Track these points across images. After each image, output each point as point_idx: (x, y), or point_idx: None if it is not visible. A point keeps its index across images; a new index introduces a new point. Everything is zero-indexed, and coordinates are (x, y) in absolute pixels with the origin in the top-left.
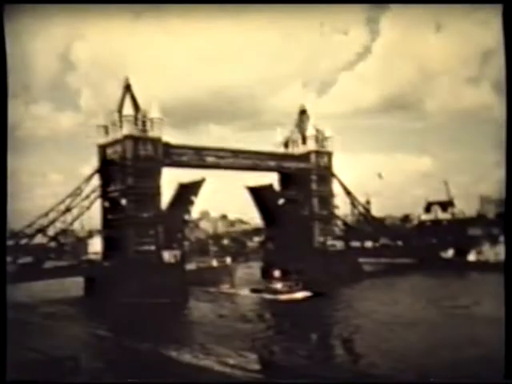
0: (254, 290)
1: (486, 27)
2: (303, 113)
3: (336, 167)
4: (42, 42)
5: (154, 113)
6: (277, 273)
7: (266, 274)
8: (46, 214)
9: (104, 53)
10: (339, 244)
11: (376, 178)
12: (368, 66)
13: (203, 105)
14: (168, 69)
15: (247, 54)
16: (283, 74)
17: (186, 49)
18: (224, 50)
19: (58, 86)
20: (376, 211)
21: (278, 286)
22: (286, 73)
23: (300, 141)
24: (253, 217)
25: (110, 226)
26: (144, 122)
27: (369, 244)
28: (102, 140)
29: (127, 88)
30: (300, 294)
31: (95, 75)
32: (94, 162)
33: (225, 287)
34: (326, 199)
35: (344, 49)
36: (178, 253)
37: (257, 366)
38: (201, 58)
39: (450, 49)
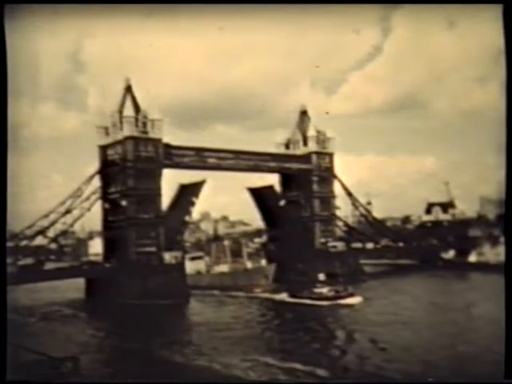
0: (293, 295)
1: (496, 26)
2: (304, 113)
3: (338, 168)
4: (51, 42)
5: (154, 113)
6: (321, 276)
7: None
8: (47, 216)
9: (112, 53)
10: (340, 245)
11: (377, 179)
12: (378, 65)
13: (211, 105)
14: (177, 69)
15: (256, 53)
16: (293, 73)
17: (195, 49)
18: (233, 49)
19: (66, 86)
20: (377, 212)
21: (324, 290)
22: (296, 72)
23: (301, 142)
24: (254, 218)
25: (111, 228)
26: (145, 123)
27: (370, 245)
28: (103, 141)
29: (128, 89)
30: (350, 300)
31: (103, 75)
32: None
33: (259, 291)
34: (327, 200)
35: (355, 48)
36: (178, 254)
37: None
38: (210, 58)
39: (462, 48)
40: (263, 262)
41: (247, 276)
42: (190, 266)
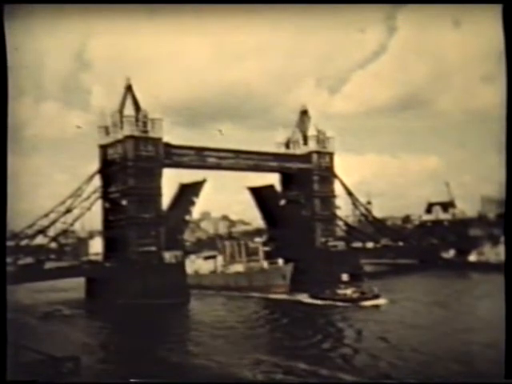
0: (315, 297)
1: (499, 26)
2: (304, 113)
3: (338, 167)
4: (54, 41)
5: (154, 113)
6: (345, 276)
7: None
8: (47, 215)
9: (116, 52)
10: (341, 244)
11: (378, 178)
12: (382, 64)
13: (214, 104)
14: (181, 68)
15: (260, 53)
16: (297, 72)
17: (199, 48)
18: (237, 49)
19: (70, 85)
20: (377, 212)
21: (348, 291)
22: (300, 72)
23: (301, 141)
24: (254, 217)
25: (111, 227)
26: (145, 123)
27: (370, 244)
28: (104, 140)
29: (128, 88)
30: (376, 301)
31: (107, 75)
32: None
33: (277, 292)
34: (328, 200)
35: (360, 47)
36: (179, 253)
37: None
38: (213, 57)
39: (466, 48)
40: (280, 261)
41: (264, 276)
42: (204, 266)
